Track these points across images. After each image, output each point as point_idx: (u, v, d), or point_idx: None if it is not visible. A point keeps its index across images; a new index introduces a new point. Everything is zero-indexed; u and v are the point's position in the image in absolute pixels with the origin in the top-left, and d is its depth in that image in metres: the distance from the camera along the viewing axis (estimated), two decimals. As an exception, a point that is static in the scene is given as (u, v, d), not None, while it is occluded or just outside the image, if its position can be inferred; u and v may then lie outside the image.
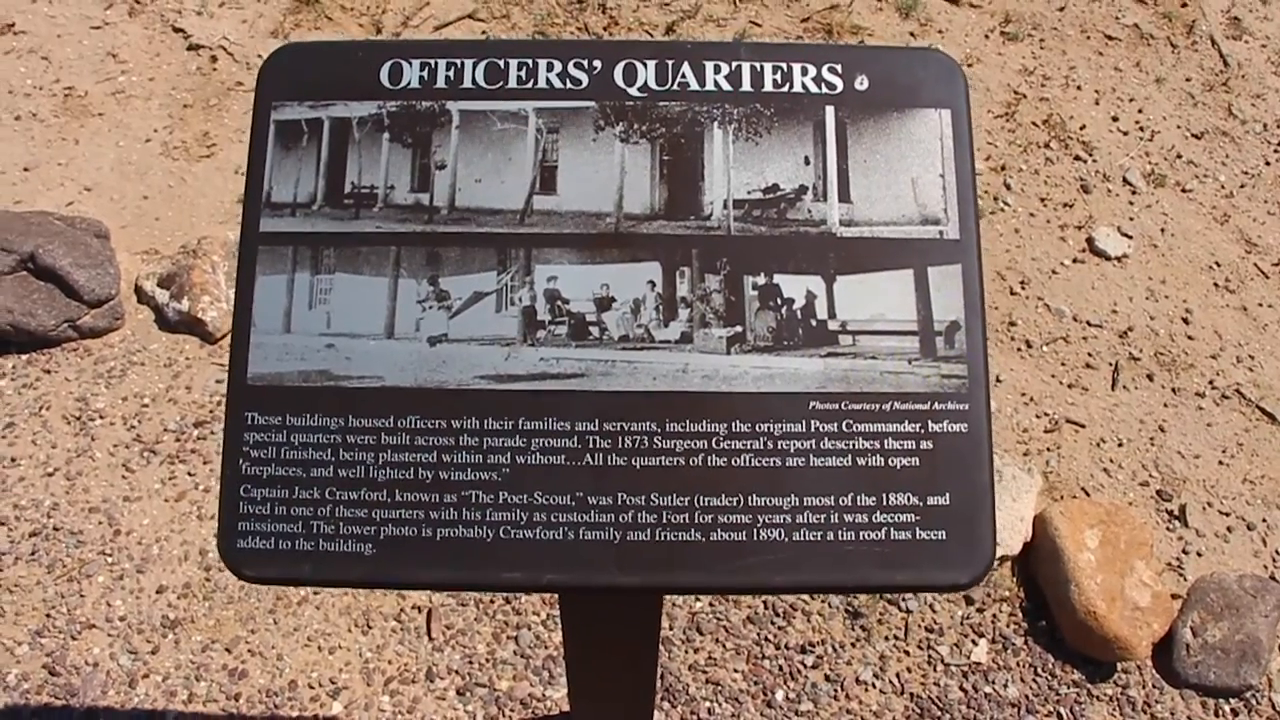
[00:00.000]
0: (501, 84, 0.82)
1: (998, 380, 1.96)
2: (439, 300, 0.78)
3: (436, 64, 0.82)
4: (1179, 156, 2.36)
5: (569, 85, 0.82)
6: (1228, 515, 1.80)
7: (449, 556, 0.74)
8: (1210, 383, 1.98)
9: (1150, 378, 1.98)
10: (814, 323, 0.78)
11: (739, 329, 0.77)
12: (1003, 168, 2.32)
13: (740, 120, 0.81)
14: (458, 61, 0.82)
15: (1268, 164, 2.35)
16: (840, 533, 0.74)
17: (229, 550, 0.75)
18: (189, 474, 1.80)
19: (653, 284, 0.78)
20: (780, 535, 0.74)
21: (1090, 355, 2.01)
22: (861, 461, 0.75)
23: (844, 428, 0.76)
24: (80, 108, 2.43)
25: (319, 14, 2.63)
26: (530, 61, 0.82)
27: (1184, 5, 2.68)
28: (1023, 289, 2.11)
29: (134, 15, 2.65)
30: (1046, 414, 1.91)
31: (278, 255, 0.78)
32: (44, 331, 1.95)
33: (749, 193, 0.80)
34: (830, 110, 0.82)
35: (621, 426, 0.75)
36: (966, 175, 0.81)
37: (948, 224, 0.80)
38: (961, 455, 0.76)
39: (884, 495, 0.75)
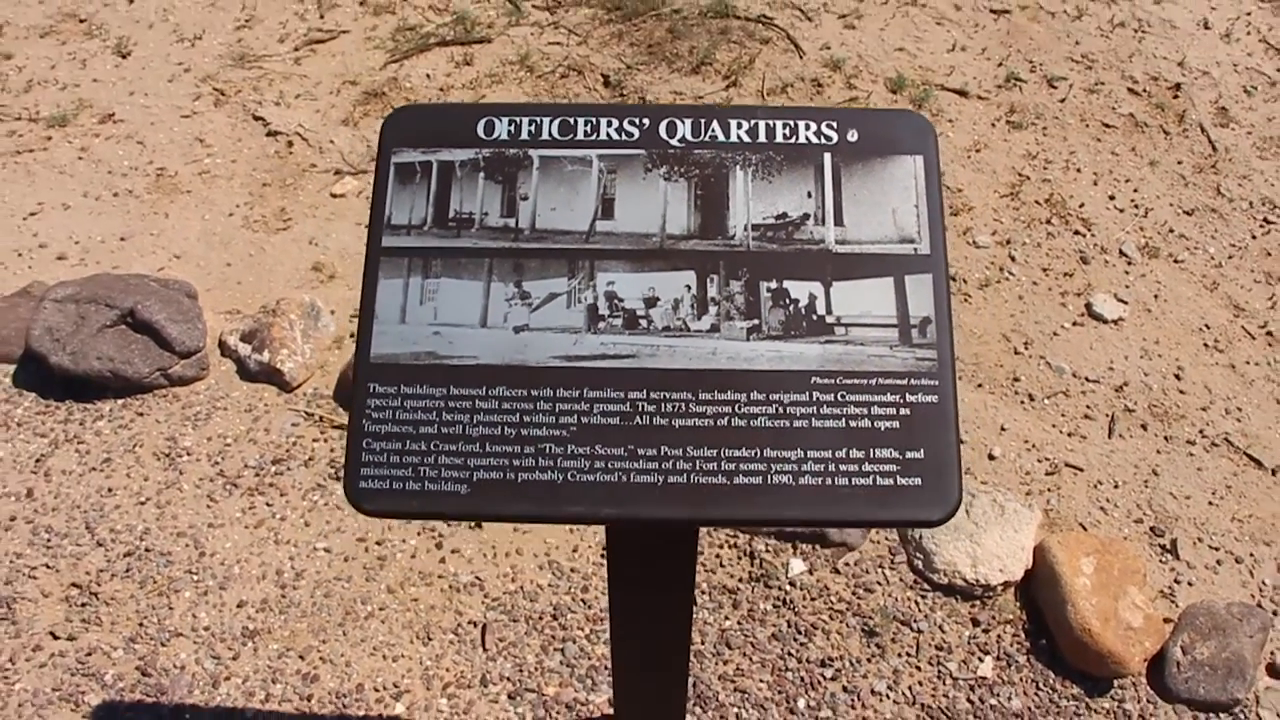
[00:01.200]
0: (571, 136, 1.06)
1: (1002, 430, 2.15)
2: (522, 299, 1.01)
3: (521, 121, 1.07)
4: (1171, 231, 2.59)
5: (624, 137, 1.06)
6: (1217, 550, 1.97)
7: (526, 494, 0.95)
8: (1200, 432, 2.16)
9: (1144, 427, 2.17)
10: (815, 317, 1.00)
11: (756, 322, 0.99)
12: (1008, 241, 2.55)
13: (757, 164, 1.05)
14: (537, 119, 1.07)
15: (1254, 237, 2.57)
16: (836, 479, 0.95)
17: (353, 490, 0.97)
18: (267, 504, 2.02)
19: (689, 287, 1.01)
20: (789, 480, 0.95)
21: (1088, 408, 2.20)
22: (853, 424, 0.96)
23: (838, 398, 0.97)
24: (170, 186, 2.74)
25: (385, 105, 2.95)
26: (594, 119, 1.07)
27: (1175, 96, 2.94)
28: (1026, 349, 2.31)
29: (219, 105, 2.99)
30: (1048, 459, 2.10)
31: (395, 264, 1.02)
32: (139, 378, 2.21)
33: (764, 219, 1.03)
34: (828, 156, 1.06)
35: (664, 395, 0.97)
36: (936, 206, 1.04)
37: (921, 243, 1.02)
38: (933, 419, 0.96)
39: (871, 450, 0.96)
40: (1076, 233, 2.56)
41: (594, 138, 1.06)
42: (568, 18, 3.24)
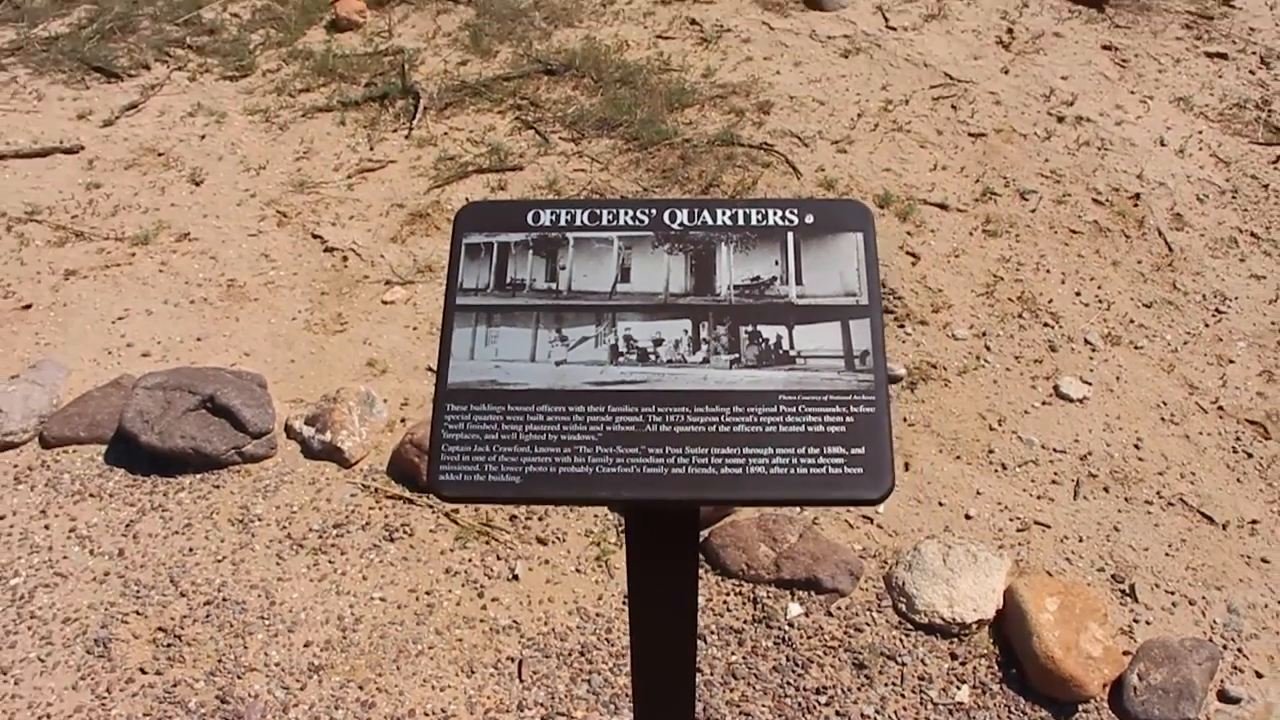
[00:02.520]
0: (597, 223, 1.44)
1: (977, 494, 2.46)
2: (561, 341, 1.36)
3: (560, 212, 1.45)
4: (1132, 321, 2.94)
5: (637, 223, 1.44)
6: (1173, 594, 2.24)
7: (564, 483, 1.28)
8: (1158, 493, 2.46)
9: (1106, 490, 2.47)
10: (781, 352, 1.35)
11: (736, 355, 1.34)
12: (984, 334, 2.91)
13: (737, 241, 1.42)
14: (572, 210, 1.45)
15: (1206, 326, 2.92)
16: (798, 469, 1.28)
17: (435, 481, 1.31)
18: (329, 562, 2.34)
19: (686, 331, 1.37)
20: (763, 470, 1.28)
21: (1056, 474, 2.51)
22: (810, 429, 1.30)
23: (799, 410, 1.31)
24: (240, 294, 3.16)
25: (430, 224, 3.39)
26: (615, 210, 1.45)
27: (1135, 204, 3.34)
28: (1000, 425, 2.64)
29: (282, 225, 3.44)
30: (1018, 518, 2.40)
31: (466, 317, 1.39)
32: (217, 455, 2.56)
33: (742, 280, 1.39)
34: (791, 234, 1.43)
35: (667, 409, 1.31)
36: (872, 269, 1.40)
37: (861, 296, 1.38)
38: (871, 425, 1.30)
39: (824, 448, 1.29)
40: (1045, 324, 2.92)
41: (614, 223, 1.44)
42: (591, 147, 3.71)
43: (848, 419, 1.31)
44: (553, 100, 3.99)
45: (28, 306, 3.13)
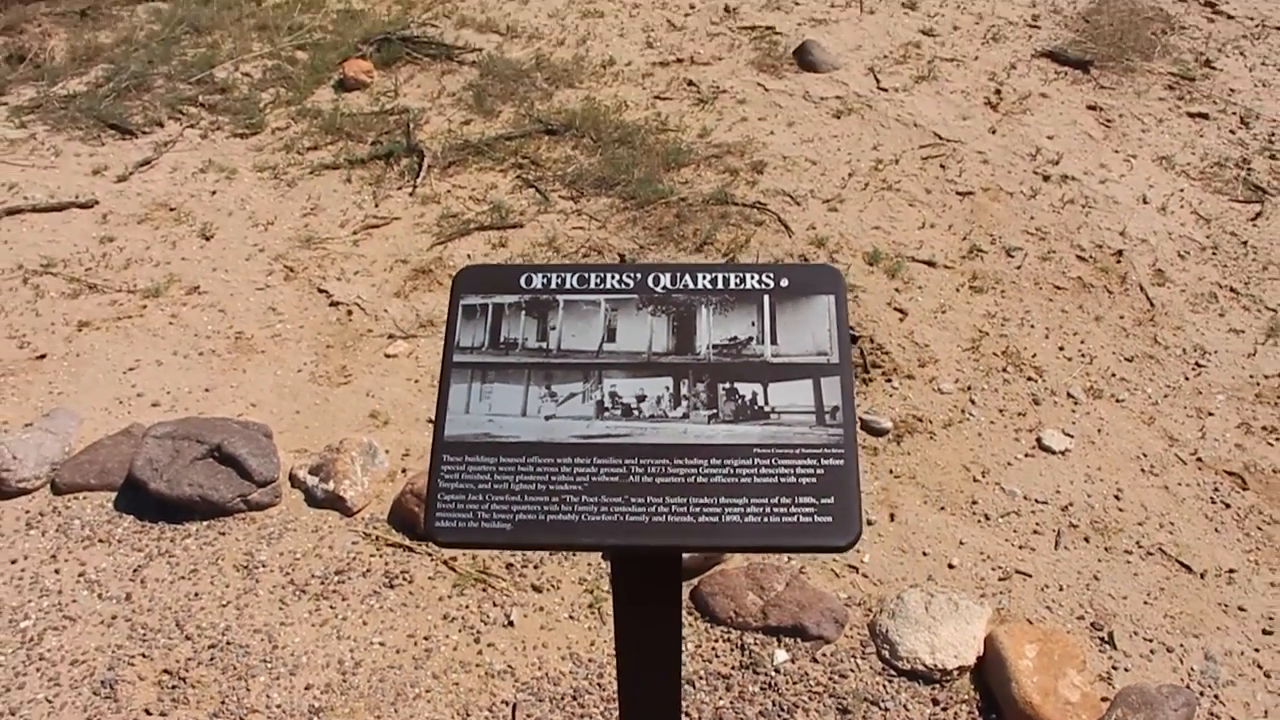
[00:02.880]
0: (586, 286, 1.55)
1: (960, 544, 2.54)
2: (551, 397, 1.47)
3: (550, 275, 1.56)
4: (1114, 375, 3.03)
5: (622, 286, 1.55)
6: (1150, 641, 2.31)
7: (552, 530, 1.38)
8: (1137, 543, 2.54)
9: (1087, 540, 2.55)
10: (756, 408, 1.45)
11: (715, 411, 1.44)
12: (969, 388, 3.01)
13: (716, 303, 1.53)
14: (562, 274, 1.56)
15: (1186, 379, 3.01)
16: (771, 518, 1.37)
17: (431, 528, 1.40)
18: (331, 607, 2.42)
19: (668, 388, 1.47)
20: (738, 519, 1.37)
21: (1037, 525, 2.59)
22: (782, 480, 1.39)
23: (773, 462, 1.40)
24: (248, 346, 3.27)
25: (432, 280, 3.52)
26: (602, 274, 1.56)
27: (1118, 261, 3.45)
28: (983, 477, 2.73)
29: (289, 280, 3.56)
30: (1000, 567, 2.48)
31: (462, 373, 1.49)
32: (223, 503, 2.66)
33: (721, 340, 1.50)
34: (766, 297, 1.53)
35: (649, 462, 1.41)
36: (843, 329, 1.50)
37: (832, 355, 1.48)
38: (840, 476, 1.39)
39: (795, 498, 1.38)
40: (1029, 379, 3.02)
41: (602, 287, 1.55)
42: (589, 205, 3.85)
43: (818, 471, 1.40)
44: (553, 159, 4.13)
45: (42, 356, 3.24)
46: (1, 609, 2.43)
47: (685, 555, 2.39)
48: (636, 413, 1.45)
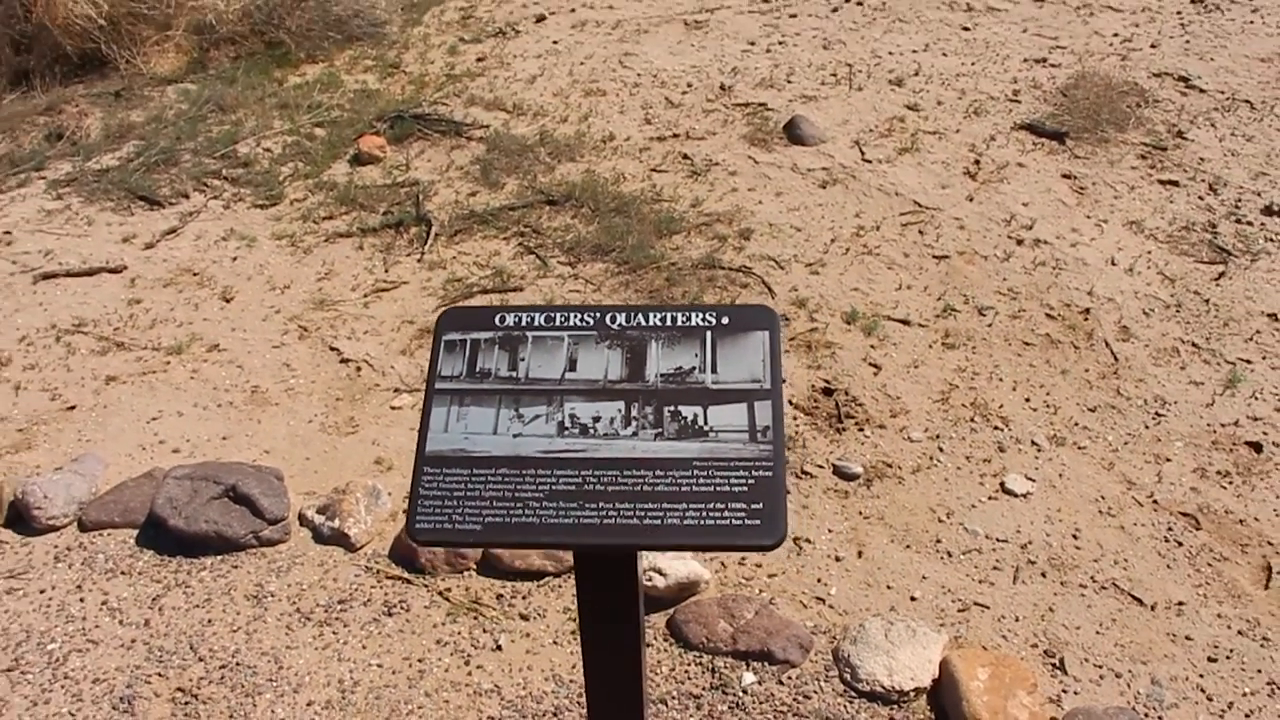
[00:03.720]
0: (551, 324, 1.80)
1: (923, 578, 2.73)
2: (519, 418, 1.70)
3: (521, 315, 1.81)
4: (1077, 424, 3.24)
5: (582, 324, 1.79)
6: (1100, 668, 2.48)
7: (517, 530, 1.60)
8: (1092, 578, 2.72)
9: (1044, 575, 2.73)
10: (697, 427, 1.68)
11: (660, 430, 1.68)
12: (937, 437, 3.22)
13: (665, 338, 1.77)
14: (531, 314, 1.81)
15: (1146, 428, 3.21)
16: (707, 520, 1.59)
17: (411, 529, 1.63)
18: (333, 633, 2.63)
19: (620, 411, 1.70)
20: (678, 521, 1.59)
21: (997, 561, 2.78)
22: (718, 488, 1.62)
23: (710, 474, 1.63)
24: (263, 399, 3.53)
25: (436, 337, 3.78)
26: (566, 314, 1.80)
27: (1085, 318, 3.68)
28: (948, 518, 2.92)
29: (302, 339, 3.84)
30: (960, 599, 2.66)
31: (443, 398, 1.73)
32: (236, 538, 2.89)
33: (668, 370, 1.74)
34: (709, 333, 1.77)
35: (603, 473, 1.64)
36: (776, 360, 1.73)
37: (765, 382, 1.71)
38: (768, 486, 1.62)
39: (729, 504, 1.60)
40: (995, 428, 3.23)
41: (565, 324, 1.80)
42: (585, 270, 4.12)
43: (749, 481, 1.63)
44: (553, 228, 4.42)
45: (72, 407, 3.51)
46: (31, 633, 2.66)
47: (662, 587, 2.60)
48: (592, 431, 1.68)
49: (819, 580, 2.73)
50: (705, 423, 1.68)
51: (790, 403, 3.35)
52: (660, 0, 6.81)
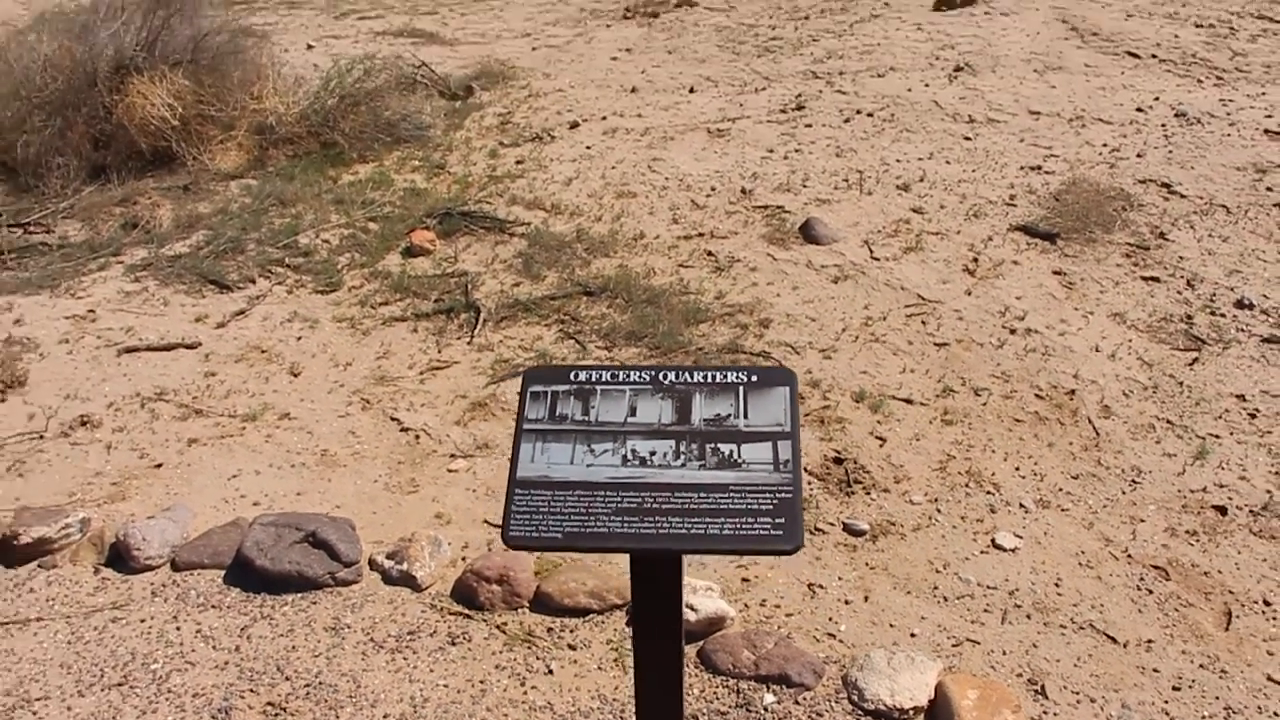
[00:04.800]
0: (616, 380, 2.28)
1: (921, 618, 3.14)
2: (590, 452, 2.17)
3: (591, 373, 2.29)
4: (1061, 490, 3.67)
5: (641, 380, 2.27)
6: (1077, 694, 2.88)
7: (590, 538, 2.05)
8: (1071, 620, 3.12)
9: (1029, 617, 3.14)
10: (733, 460, 2.14)
11: (703, 462, 2.14)
12: (935, 500, 3.65)
13: (706, 391, 2.25)
14: (599, 372, 2.29)
15: (1123, 493, 3.64)
16: (740, 531, 2.04)
17: (506, 537, 2.08)
18: (404, 659, 3.05)
19: (671, 447, 2.17)
20: (718, 531, 2.04)
21: (987, 605, 3.19)
22: (749, 506, 2.07)
23: (743, 495, 2.09)
24: (332, 461, 4.00)
25: (487, 411, 4.26)
26: (627, 373, 2.29)
27: (1070, 398, 4.14)
28: (944, 569, 3.34)
29: (365, 410, 4.32)
30: (954, 636, 3.07)
31: (529, 437, 2.20)
32: (315, 578, 3.32)
33: (709, 416, 2.21)
34: (742, 388, 2.25)
35: (657, 494, 2.10)
36: (794, 409, 2.21)
37: (786, 425, 2.18)
38: (789, 505, 2.07)
39: (757, 518, 2.06)
40: (988, 492, 3.66)
41: (627, 380, 2.28)
42: (620, 354, 4.62)
43: (774, 501, 2.08)
44: (590, 316, 4.94)
45: (159, 465, 3.98)
46: (135, 655, 3.08)
47: (693, 620, 3.02)
48: (649, 463, 2.15)
49: (830, 619, 3.14)
50: (739, 457, 2.15)
51: (805, 470, 3.80)
52: (685, 110, 7.48)
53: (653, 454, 2.17)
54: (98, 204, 6.41)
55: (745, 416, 2.21)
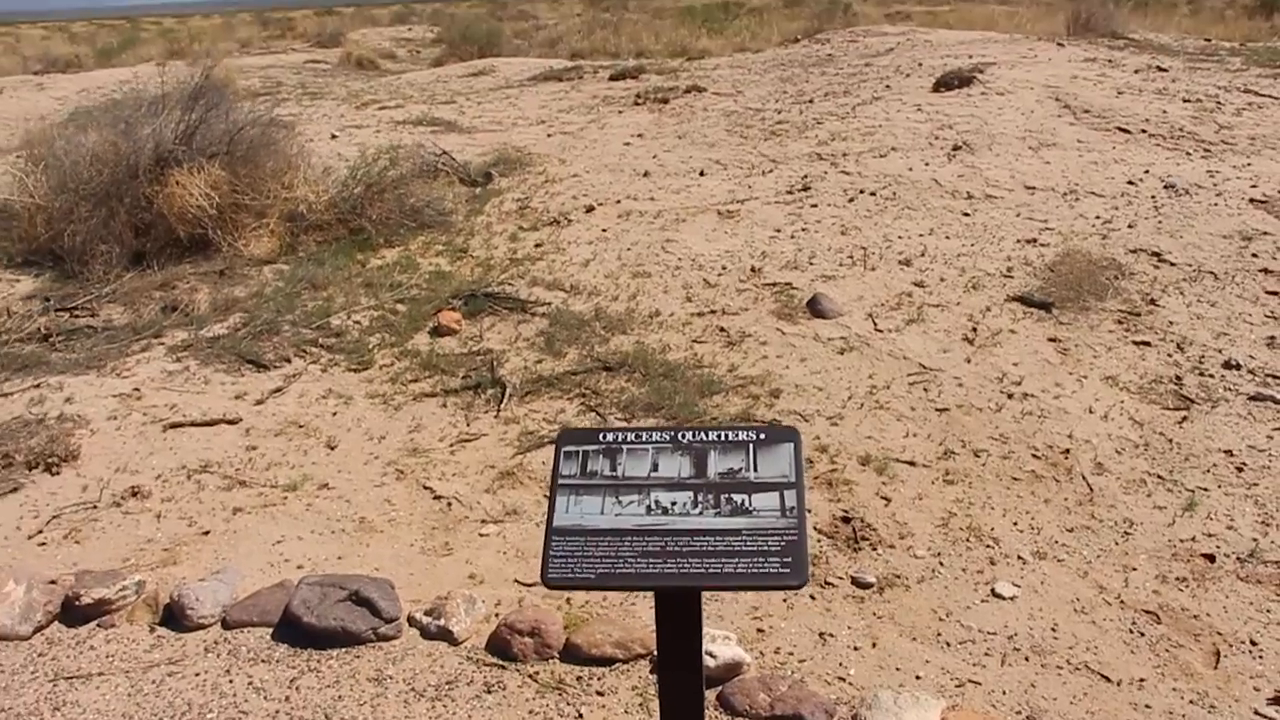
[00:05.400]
0: (640, 439, 2.58)
1: (926, 662, 3.38)
2: (618, 503, 2.46)
3: (618, 435, 2.60)
4: (1057, 542, 3.93)
5: (662, 440, 2.57)
6: (1071, 731, 3.11)
7: (619, 578, 2.34)
8: (1068, 661, 3.36)
9: (1027, 659, 3.38)
10: (745, 508, 2.43)
11: (719, 509, 2.43)
12: (939, 554, 3.91)
13: (720, 448, 2.55)
14: (625, 434, 2.60)
15: (1116, 544, 3.89)
16: (752, 570, 2.32)
17: (545, 578, 2.37)
18: (444, 706, 3.30)
19: (690, 497, 2.46)
20: (733, 569, 2.33)
21: (988, 649, 3.43)
22: (761, 548, 2.35)
23: (754, 538, 2.37)
24: (370, 528, 4.29)
25: (515, 480, 4.55)
26: (650, 434, 2.59)
27: (1065, 457, 4.41)
28: (948, 617, 3.59)
29: (400, 480, 4.62)
30: (956, 678, 3.31)
31: (564, 491, 2.50)
32: (358, 634, 3.59)
33: (723, 470, 2.50)
34: (751, 445, 2.55)
35: (678, 539, 2.39)
36: (800, 462, 2.50)
37: (791, 477, 2.47)
38: (795, 546, 2.35)
39: (767, 558, 2.34)
40: (988, 546, 3.92)
41: (649, 440, 2.58)
42: (639, 424, 4.92)
43: (781, 543, 2.37)
44: (610, 390, 5.25)
45: (206, 533, 4.28)
46: (191, 705, 3.34)
47: (713, 666, 3.27)
48: (670, 511, 2.44)
49: (840, 664, 3.39)
50: (750, 505, 2.44)
51: (815, 529, 4.06)
52: (695, 192, 7.89)
53: (673, 504, 2.46)
54: (139, 289, 6.81)
55: (755, 470, 2.51)
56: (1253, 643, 3.42)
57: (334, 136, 10.70)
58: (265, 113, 7.91)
